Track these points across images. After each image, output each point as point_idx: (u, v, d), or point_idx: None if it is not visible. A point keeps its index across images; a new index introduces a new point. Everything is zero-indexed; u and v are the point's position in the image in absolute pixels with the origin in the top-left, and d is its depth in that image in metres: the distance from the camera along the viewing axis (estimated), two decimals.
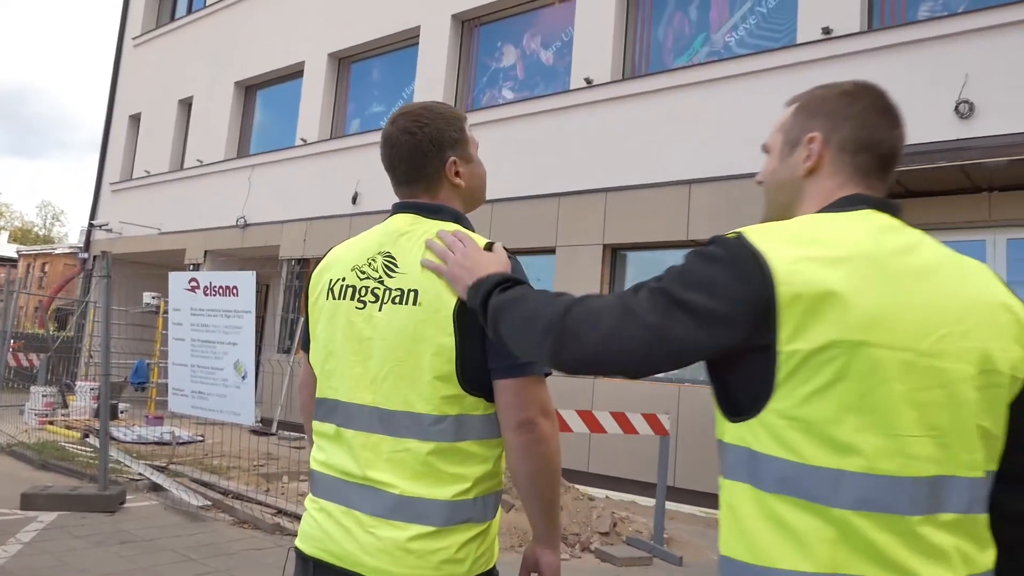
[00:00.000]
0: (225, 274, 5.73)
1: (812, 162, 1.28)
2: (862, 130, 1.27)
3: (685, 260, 1.20)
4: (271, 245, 13.19)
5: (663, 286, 1.16)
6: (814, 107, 1.32)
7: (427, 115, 1.69)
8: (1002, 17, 6.94)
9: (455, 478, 1.51)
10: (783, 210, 1.34)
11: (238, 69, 15.03)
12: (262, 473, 7.67)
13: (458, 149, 1.69)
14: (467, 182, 1.71)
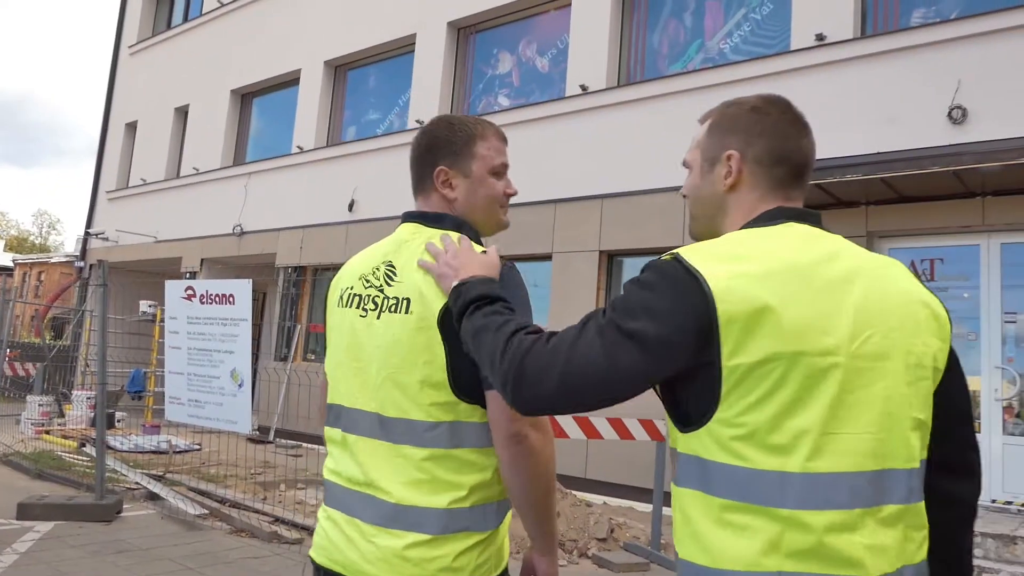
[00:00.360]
0: (221, 282, 5.73)
1: (733, 178, 1.34)
2: (775, 143, 1.33)
3: (626, 289, 1.22)
4: (267, 253, 13.19)
5: (609, 319, 1.18)
6: (727, 124, 1.37)
7: (437, 123, 1.74)
8: (994, 23, 6.98)
9: (450, 486, 1.51)
10: (708, 222, 1.39)
11: (234, 77, 15.05)
12: (259, 481, 7.65)
13: (453, 159, 1.68)
14: (461, 197, 1.70)
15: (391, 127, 12.47)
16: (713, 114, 1.42)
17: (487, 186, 1.71)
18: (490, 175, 1.71)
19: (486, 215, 1.73)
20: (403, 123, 12.08)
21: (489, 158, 1.70)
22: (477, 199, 1.71)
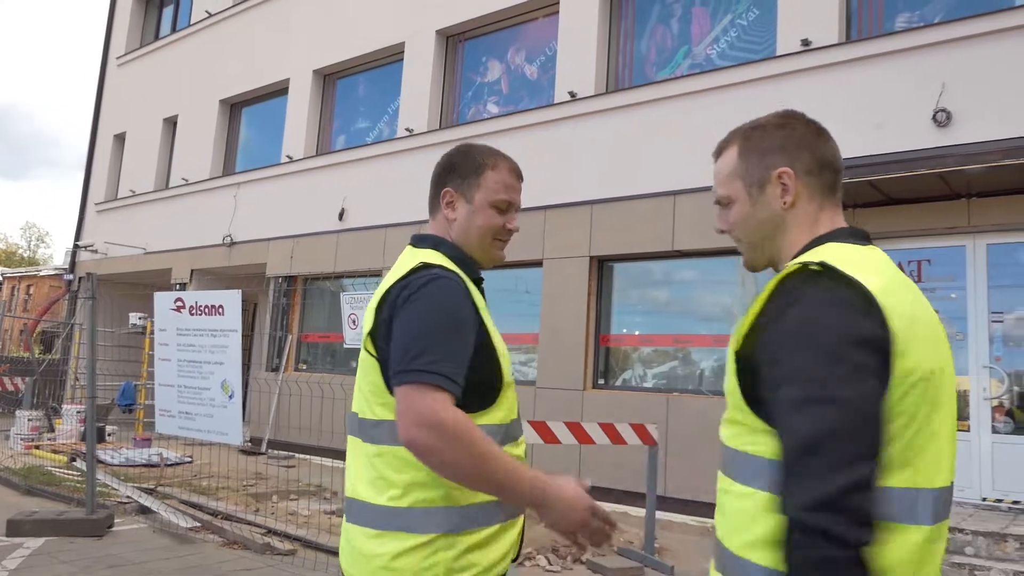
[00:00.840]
0: (210, 293, 5.72)
1: (791, 195, 1.35)
2: (816, 152, 1.37)
3: (807, 341, 1.13)
4: (258, 263, 13.17)
5: (821, 392, 1.10)
6: (761, 146, 1.39)
7: (457, 147, 1.85)
8: (977, 27, 7.05)
9: (389, 483, 1.59)
10: (766, 244, 1.40)
11: (223, 87, 15.04)
12: (252, 493, 7.62)
13: (459, 183, 1.77)
14: (459, 220, 1.77)
15: (381, 135, 12.48)
16: (736, 141, 1.43)
17: (485, 216, 1.76)
18: (491, 207, 1.76)
19: (479, 244, 1.78)
20: (392, 131, 12.09)
21: (494, 190, 1.76)
22: (472, 226, 1.77)
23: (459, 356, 1.56)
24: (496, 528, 1.63)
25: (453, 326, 1.57)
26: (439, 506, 1.58)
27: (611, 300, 9.38)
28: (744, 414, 1.23)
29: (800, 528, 1.05)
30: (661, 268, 9.18)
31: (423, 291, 1.58)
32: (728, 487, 1.26)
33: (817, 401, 1.09)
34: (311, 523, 6.49)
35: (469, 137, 10.51)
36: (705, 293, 8.84)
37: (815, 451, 1.07)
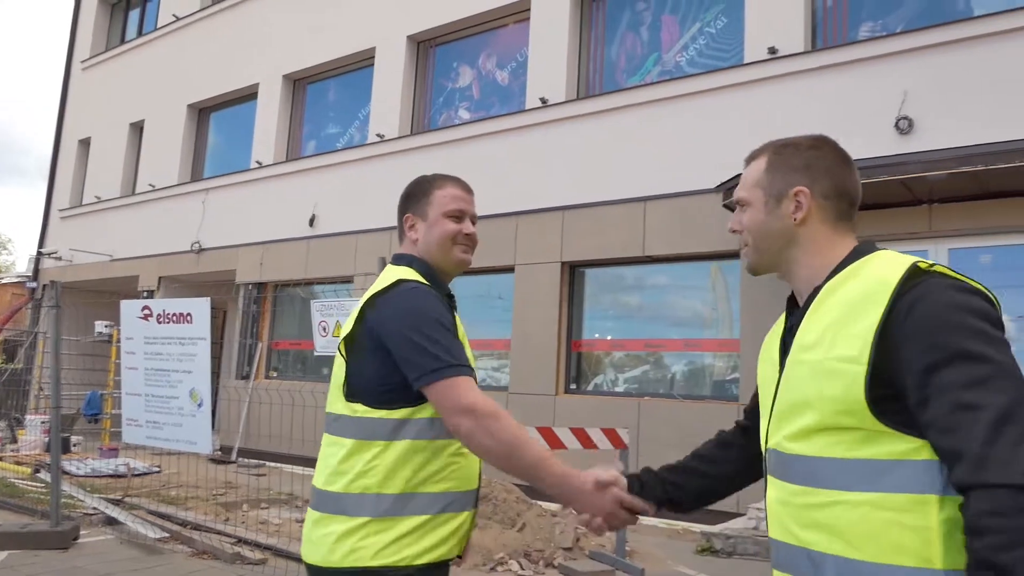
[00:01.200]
0: (179, 301, 5.65)
1: (804, 213, 1.45)
2: (837, 180, 1.46)
3: (969, 336, 1.19)
4: (227, 270, 13.03)
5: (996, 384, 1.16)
6: (788, 163, 1.48)
7: (411, 182, 2.09)
8: (938, 37, 7.22)
9: (334, 471, 1.80)
10: (776, 255, 1.50)
11: (191, 91, 14.88)
12: (222, 502, 7.53)
13: (415, 207, 2.01)
14: (421, 238, 1.99)
15: (351, 141, 12.43)
16: (767, 153, 1.52)
17: (440, 226, 1.97)
18: (445, 217, 1.97)
19: (442, 252, 1.98)
20: (363, 137, 12.06)
21: (444, 203, 1.98)
22: (432, 238, 1.98)
23: (459, 347, 1.78)
24: (428, 518, 1.77)
25: (443, 325, 1.78)
26: (372, 492, 1.75)
27: (582, 305, 9.43)
28: (861, 419, 1.24)
29: (1022, 491, 1.07)
30: (632, 273, 9.25)
31: (409, 303, 1.80)
32: (837, 498, 1.25)
33: (996, 375, 1.15)
34: (282, 532, 6.43)
35: (440, 143, 10.52)
36: (675, 298, 8.93)
37: (1009, 420, 1.11)
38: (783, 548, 1.37)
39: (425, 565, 1.75)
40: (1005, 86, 6.75)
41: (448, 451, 1.82)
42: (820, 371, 1.29)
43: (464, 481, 1.85)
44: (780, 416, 1.39)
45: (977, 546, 1.09)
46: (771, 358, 1.52)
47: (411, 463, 1.76)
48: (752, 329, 7.81)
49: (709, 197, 7.89)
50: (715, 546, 6.61)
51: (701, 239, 8.25)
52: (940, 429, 1.16)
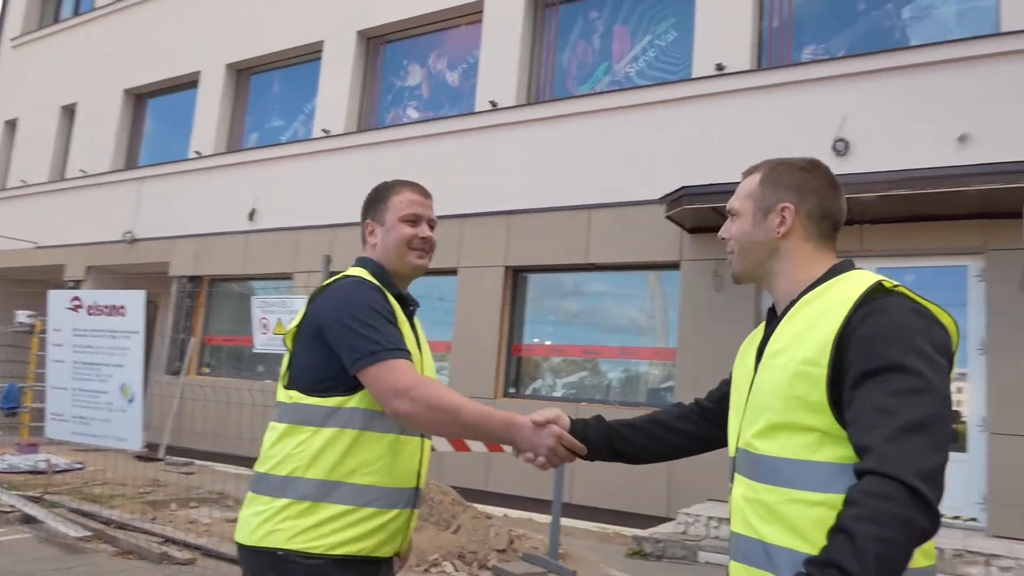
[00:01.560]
0: (112, 293, 5.46)
1: (787, 227, 1.55)
2: (823, 202, 1.56)
3: (909, 347, 1.30)
4: (161, 262, 12.65)
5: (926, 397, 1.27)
6: (780, 180, 1.59)
7: (371, 189, 2.13)
8: (875, 64, 7.51)
9: (267, 455, 1.86)
10: (759, 265, 1.60)
11: (128, 76, 14.40)
12: (148, 500, 7.31)
13: (373, 213, 2.07)
14: (379, 242, 2.04)
15: (296, 135, 12.22)
16: (762, 169, 1.63)
17: (396, 231, 2.02)
18: (401, 222, 2.02)
19: (398, 257, 2.02)
20: (308, 132, 11.87)
21: (399, 208, 2.03)
22: (389, 243, 2.03)
23: (395, 332, 1.83)
24: (348, 509, 1.78)
25: (379, 312, 1.83)
26: (295, 476, 1.79)
27: (524, 310, 9.48)
28: (822, 419, 1.34)
29: (909, 489, 1.17)
30: (575, 280, 9.34)
31: (345, 293, 1.87)
32: (796, 496, 1.34)
33: (921, 391, 1.26)
34: (212, 531, 6.27)
35: (387, 142, 10.44)
36: (615, 306, 9.05)
37: (918, 430, 1.22)
38: (743, 540, 1.46)
39: (340, 557, 1.76)
40: (936, 114, 7.06)
41: (379, 445, 1.83)
42: (786, 373, 1.39)
43: (394, 478, 1.85)
44: (751, 419, 1.48)
45: (844, 513, 1.21)
46: (746, 364, 1.61)
47: (336, 451, 1.78)
48: (689, 339, 7.97)
49: (653, 208, 8.02)
50: (645, 550, 6.72)
51: (644, 249, 8.38)
52: (859, 426, 1.27)
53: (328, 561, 1.75)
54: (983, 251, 6.73)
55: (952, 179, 6.22)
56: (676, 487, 7.67)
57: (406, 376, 1.75)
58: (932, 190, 6.18)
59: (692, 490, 7.49)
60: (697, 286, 8.00)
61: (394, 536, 1.87)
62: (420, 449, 1.97)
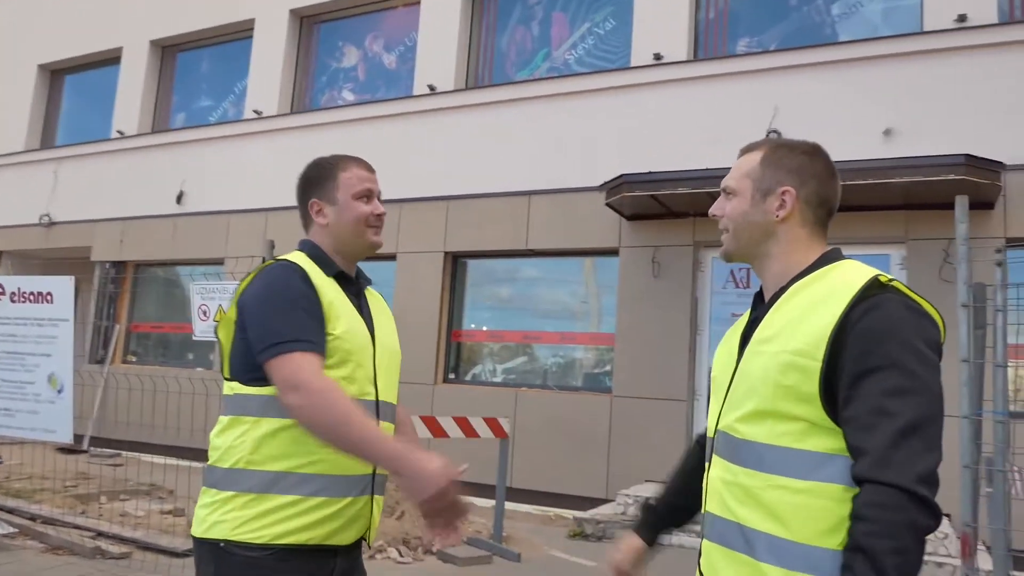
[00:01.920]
0: (38, 279, 5.21)
1: (786, 212, 1.54)
2: (821, 188, 1.56)
3: (908, 354, 1.32)
4: (82, 246, 12.11)
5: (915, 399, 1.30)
6: (781, 162, 1.57)
7: (308, 165, 2.05)
8: (805, 58, 7.76)
9: (212, 447, 1.84)
10: (753, 246, 1.58)
11: (43, 50, 13.67)
12: (76, 494, 7.04)
13: (320, 192, 1.99)
14: (331, 222, 1.97)
15: (226, 116, 11.85)
16: (763, 149, 1.59)
17: (352, 209, 1.96)
18: (354, 199, 1.96)
19: (355, 236, 1.98)
20: (239, 112, 11.53)
21: (351, 185, 1.97)
22: (344, 221, 1.96)
23: (304, 323, 1.76)
24: (295, 499, 1.73)
25: (289, 301, 1.78)
26: (239, 468, 1.75)
27: (464, 296, 9.48)
28: (810, 410, 1.35)
29: (910, 495, 1.22)
30: (514, 266, 9.38)
31: (264, 281, 1.83)
32: (778, 483, 1.36)
33: (917, 391, 1.29)
34: (146, 524, 6.10)
35: (323, 124, 10.24)
36: (554, 292, 9.13)
37: (916, 432, 1.26)
38: (718, 522, 1.47)
39: (286, 547, 1.72)
40: (863, 109, 7.34)
41: None
42: (776, 362, 1.39)
43: (344, 466, 1.78)
44: (734, 403, 1.48)
45: (856, 529, 1.24)
46: (730, 349, 1.60)
47: (278, 441, 1.75)
48: (627, 325, 8.11)
49: (592, 195, 8.12)
50: (586, 531, 6.85)
51: (583, 235, 8.48)
52: (857, 426, 1.30)
53: (271, 552, 1.72)
54: (905, 240, 7.06)
55: (878, 171, 6.48)
56: (615, 469, 7.83)
57: (301, 371, 1.68)
58: (859, 182, 6.42)
59: (630, 472, 7.67)
60: (635, 273, 8.15)
61: (350, 523, 1.82)
62: None
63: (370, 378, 1.90)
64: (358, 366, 1.86)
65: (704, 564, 1.51)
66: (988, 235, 6.45)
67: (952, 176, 6.14)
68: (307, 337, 1.74)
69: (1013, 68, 6.94)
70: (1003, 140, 6.74)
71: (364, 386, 1.88)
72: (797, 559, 1.32)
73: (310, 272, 1.85)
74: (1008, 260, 3.66)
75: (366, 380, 1.89)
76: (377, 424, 1.78)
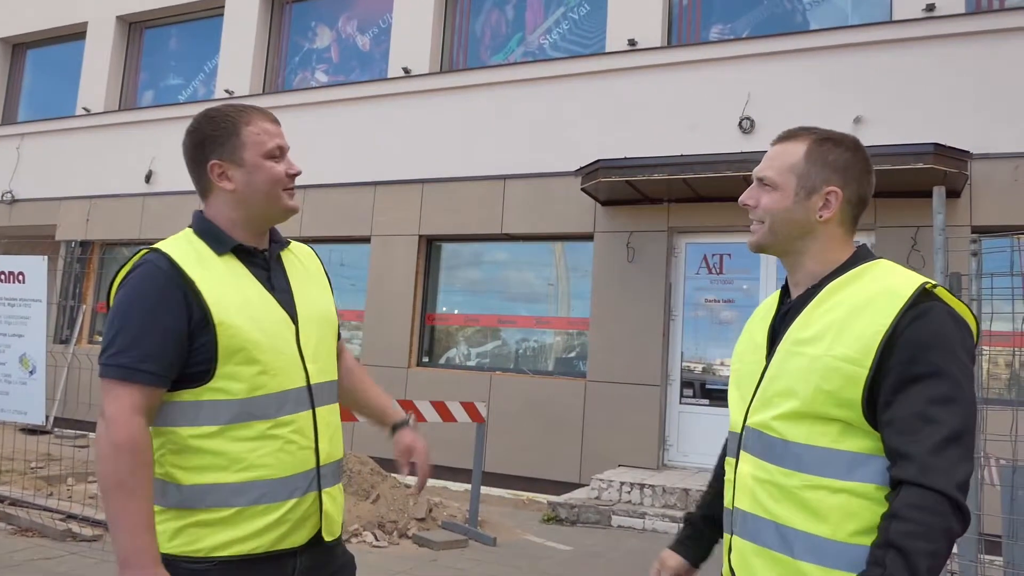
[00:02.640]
0: (9, 259, 5.12)
1: (831, 213, 1.51)
2: (862, 188, 1.54)
3: (951, 362, 1.35)
4: (46, 224, 11.87)
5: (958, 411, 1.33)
6: (828, 159, 1.53)
7: (198, 119, 1.72)
8: (777, 45, 7.84)
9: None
10: (790, 242, 1.55)
11: (4, 23, 13.30)
12: (42, 476, 6.95)
13: (221, 151, 1.68)
14: (240, 187, 1.68)
15: (195, 95, 11.65)
16: (806, 141, 1.55)
17: (264, 170, 1.69)
18: (266, 159, 1.69)
19: (268, 200, 1.71)
20: (209, 91, 11.34)
21: (260, 143, 1.68)
22: (256, 185, 1.68)
23: (146, 344, 1.54)
24: (229, 511, 1.58)
25: (143, 313, 1.56)
26: (163, 480, 1.58)
27: (438, 279, 9.47)
28: (850, 413, 1.37)
29: (952, 503, 1.27)
30: (489, 250, 9.38)
31: (125, 284, 1.60)
32: (818, 483, 1.37)
33: (960, 400, 1.33)
34: None
35: (296, 105, 10.11)
36: (529, 276, 9.17)
37: (957, 441, 1.30)
38: (750, 519, 1.46)
39: (228, 559, 1.57)
40: (833, 96, 7.45)
41: (250, 435, 1.60)
42: (819, 366, 1.39)
43: (281, 467, 1.61)
44: (767, 400, 1.47)
45: (893, 527, 1.26)
46: (755, 341, 1.59)
47: (202, 449, 1.57)
48: (602, 309, 8.18)
49: (567, 179, 8.15)
50: (560, 515, 6.93)
51: (558, 220, 8.52)
52: (898, 430, 1.32)
53: (214, 563, 1.56)
54: (874, 228, 7.20)
55: None
56: (588, 454, 7.91)
57: (116, 406, 1.52)
58: None
59: (604, 457, 7.76)
60: (610, 257, 8.21)
61: (299, 524, 1.65)
62: (313, 424, 1.69)
63: (296, 362, 1.68)
64: (273, 354, 1.63)
65: (736, 561, 1.49)
66: (955, 223, 6.61)
67: (920, 164, 6.27)
68: (145, 366, 1.53)
69: (980, 58, 7.09)
70: (970, 129, 6.89)
71: (289, 374, 1.66)
72: (837, 558, 1.35)
73: (186, 263, 1.61)
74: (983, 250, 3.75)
75: (289, 367, 1.66)
76: (148, 509, 1.53)
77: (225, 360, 1.58)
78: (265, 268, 1.72)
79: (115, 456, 1.49)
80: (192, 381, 1.58)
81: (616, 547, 6.09)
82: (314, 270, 1.89)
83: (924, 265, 6.55)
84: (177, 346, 1.56)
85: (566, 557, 5.78)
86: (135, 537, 1.49)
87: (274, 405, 1.63)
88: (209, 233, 1.68)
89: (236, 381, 1.59)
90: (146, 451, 1.53)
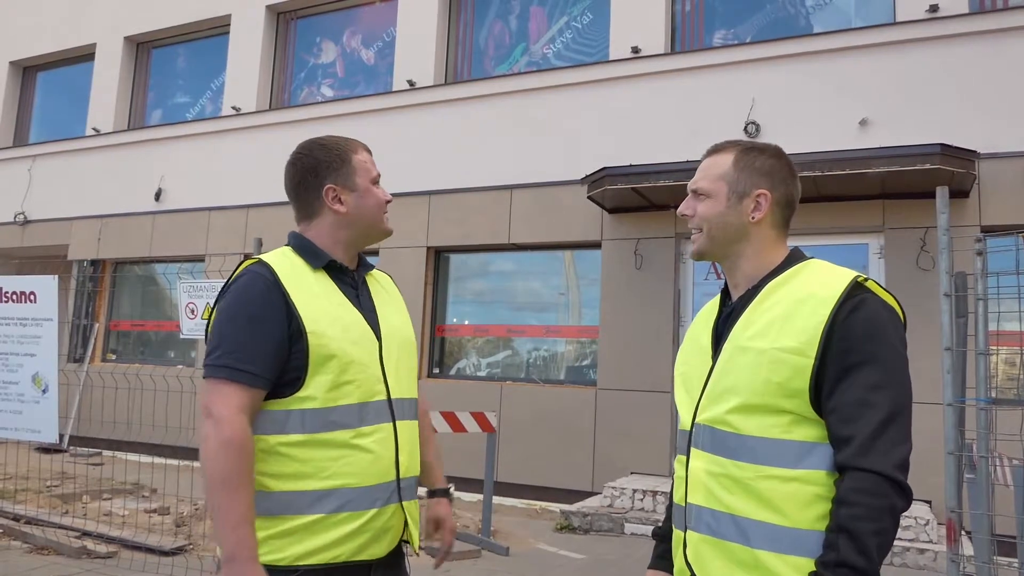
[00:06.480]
0: (20, 278, 5.16)
1: (762, 214, 1.60)
2: (789, 190, 1.64)
3: (889, 352, 1.43)
4: (58, 244, 11.97)
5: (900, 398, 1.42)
6: (754, 165, 1.63)
7: (310, 146, 1.88)
8: (781, 49, 7.84)
9: None
10: (727, 246, 1.63)
11: (14, 47, 13.46)
12: (58, 494, 6.99)
13: (336, 176, 1.83)
14: (352, 210, 1.84)
15: (203, 112, 11.75)
16: (732, 152, 1.64)
17: (372, 195, 1.87)
18: (373, 185, 1.87)
19: (373, 223, 1.88)
20: (217, 108, 11.44)
21: (367, 170, 1.87)
22: (366, 208, 1.86)
23: (251, 347, 1.64)
24: (317, 518, 1.63)
25: (247, 319, 1.66)
26: (258, 489, 1.64)
27: (447, 290, 9.49)
28: (798, 404, 1.42)
29: (891, 482, 1.34)
30: (496, 260, 9.40)
31: (227, 292, 1.73)
32: (770, 473, 1.42)
33: (895, 384, 1.41)
34: (131, 523, 6.07)
35: (302, 120, 10.18)
36: (538, 285, 9.17)
37: (894, 422, 1.38)
38: (705, 513, 1.50)
39: (311, 567, 1.63)
40: (839, 100, 7.44)
41: (335, 445, 1.67)
42: (767, 359, 1.45)
43: (363, 476, 1.68)
44: (716, 396, 1.52)
45: (843, 512, 1.33)
46: (700, 344, 1.65)
47: (286, 459, 1.64)
48: (610, 317, 8.17)
49: (573, 188, 8.16)
50: (573, 524, 6.91)
51: (565, 228, 8.53)
52: (840, 417, 1.39)
53: (298, 573, 1.63)
54: (882, 230, 7.17)
55: (854, 162, 6.58)
56: (600, 462, 7.89)
57: (221, 404, 1.60)
58: (837, 172, 6.52)
59: (616, 464, 7.74)
60: (618, 265, 8.20)
61: (380, 535, 1.72)
62: (394, 437, 1.76)
63: (378, 376, 1.76)
64: (359, 366, 1.72)
65: (692, 555, 1.52)
66: (964, 223, 6.58)
67: (928, 165, 6.24)
68: (248, 366, 1.62)
69: (985, 57, 7.06)
70: (977, 129, 6.87)
71: (371, 386, 1.74)
72: (793, 544, 1.39)
73: (284, 275, 1.71)
74: (987, 249, 3.73)
75: (372, 380, 1.75)
76: (250, 505, 1.59)
77: (315, 370, 1.67)
78: (354, 287, 1.85)
79: (223, 453, 1.57)
80: (283, 388, 1.67)
81: (630, 555, 6.06)
82: (394, 295, 2.01)
83: (934, 266, 6.51)
84: (278, 351, 1.65)
85: (580, 565, 5.76)
86: (238, 529, 1.56)
87: (356, 415, 1.71)
88: (307, 249, 1.81)
89: (323, 390, 1.68)
90: (250, 449, 1.61)
